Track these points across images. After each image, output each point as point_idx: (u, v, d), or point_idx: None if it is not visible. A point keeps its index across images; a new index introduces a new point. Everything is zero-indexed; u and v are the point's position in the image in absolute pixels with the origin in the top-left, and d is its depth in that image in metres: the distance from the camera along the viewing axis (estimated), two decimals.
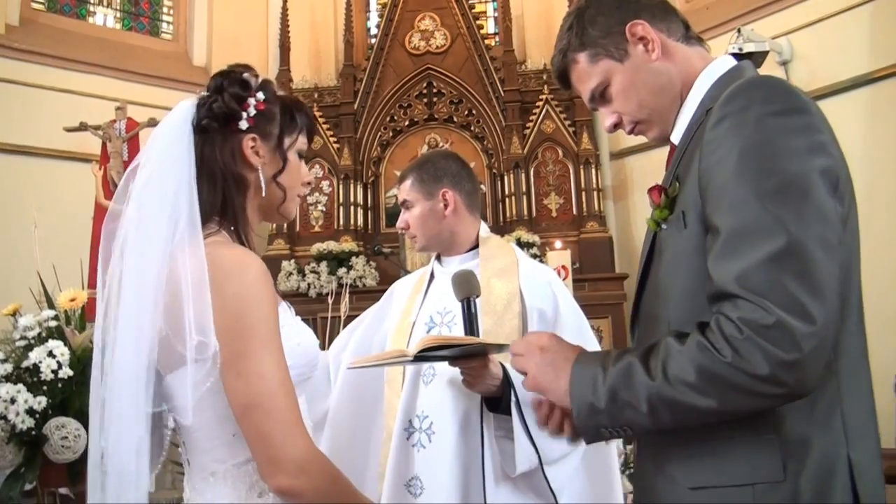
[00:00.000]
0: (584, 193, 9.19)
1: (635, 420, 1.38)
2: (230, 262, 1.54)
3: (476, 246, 2.65)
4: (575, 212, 9.25)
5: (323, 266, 8.79)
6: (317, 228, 9.24)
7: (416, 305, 2.63)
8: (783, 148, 1.33)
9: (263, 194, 1.70)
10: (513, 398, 2.23)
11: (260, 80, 1.76)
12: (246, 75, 1.73)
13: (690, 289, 1.44)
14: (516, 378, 2.23)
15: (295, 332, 1.68)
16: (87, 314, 3.42)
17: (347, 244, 8.99)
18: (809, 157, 1.34)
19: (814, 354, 1.24)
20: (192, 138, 1.66)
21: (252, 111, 1.68)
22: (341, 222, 9.21)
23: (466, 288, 2.25)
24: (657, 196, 1.54)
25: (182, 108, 1.71)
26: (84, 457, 2.38)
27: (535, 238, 8.63)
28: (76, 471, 3.13)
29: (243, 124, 1.68)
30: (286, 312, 1.70)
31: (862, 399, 1.43)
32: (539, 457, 2.24)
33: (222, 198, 1.66)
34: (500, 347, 2.15)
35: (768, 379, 1.24)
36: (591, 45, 1.66)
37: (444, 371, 2.38)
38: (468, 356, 2.17)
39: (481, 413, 2.35)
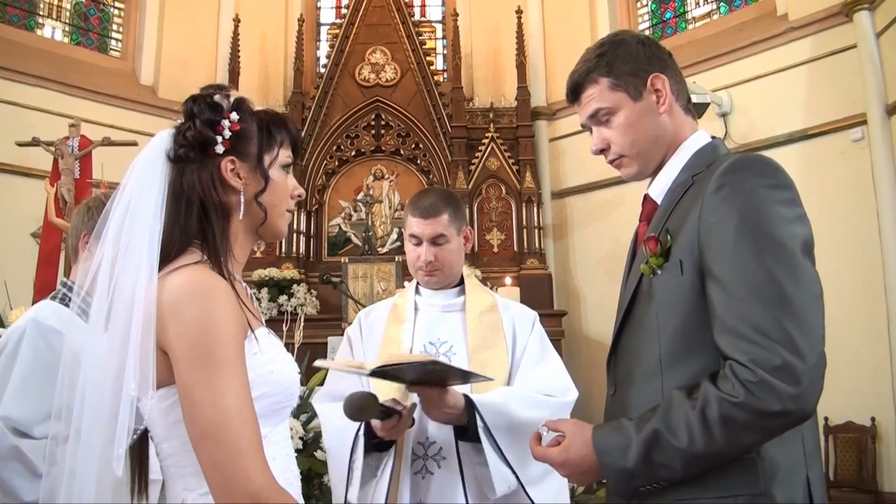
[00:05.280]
0: (525, 231, 9.39)
1: (670, 476, 1.56)
2: (185, 289, 1.48)
3: (460, 283, 2.74)
4: (516, 248, 9.42)
5: (264, 293, 8.74)
6: (258, 254, 9.15)
7: (407, 334, 2.63)
8: (774, 216, 1.54)
9: (240, 217, 1.65)
10: (480, 424, 2.30)
11: (233, 98, 1.68)
12: (217, 97, 1.66)
13: (682, 328, 1.62)
14: (484, 404, 2.32)
15: (269, 359, 1.59)
16: None
17: (289, 271, 8.98)
18: (794, 226, 1.55)
19: (812, 387, 1.46)
20: (167, 169, 1.61)
21: (227, 133, 1.63)
22: (283, 249, 9.19)
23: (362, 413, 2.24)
24: (654, 246, 1.70)
25: (158, 139, 1.65)
26: None
27: (477, 272, 8.72)
28: None
29: (219, 148, 1.62)
30: (265, 338, 1.62)
31: (813, 427, 1.64)
32: (518, 478, 2.32)
33: (201, 225, 1.60)
34: (466, 375, 2.22)
35: (779, 414, 1.45)
36: (616, 75, 1.81)
37: None
38: (424, 383, 2.23)
39: (456, 443, 2.40)
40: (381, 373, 2.15)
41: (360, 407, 2.18)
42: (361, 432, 2.38)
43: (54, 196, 7.24)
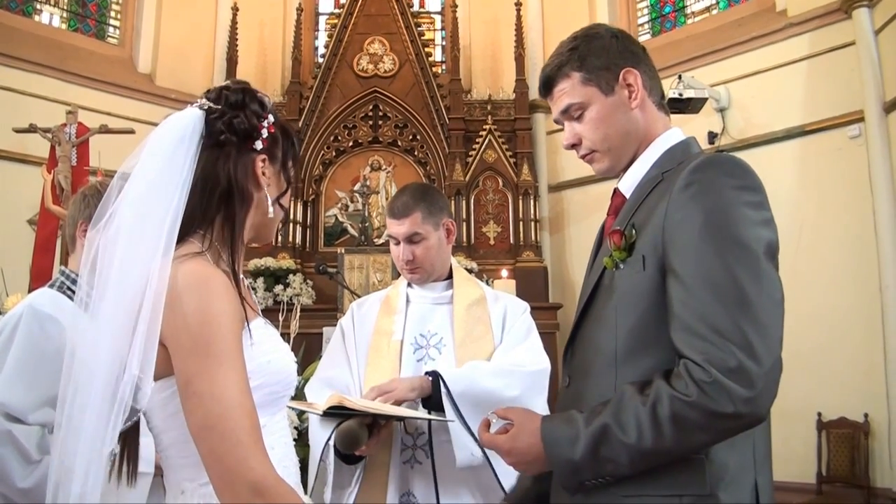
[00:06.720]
0: (521, 223, 9.40)
1: (616, 472, 1.54)
2: (187, 279, 1.48)
3: (449, 276, 2.76)
4: (512, 241, 9.44)
5: (260, 282, 8.75)
6: (254, 244, 9.12)
7: (398, 326, 2.66)
8: (740, 217, 1.53)
9: (271, 215, 1.69)
10: (444, 390, 2.36)
11: (271, 102, 1.73)
12: (260, 94, 1.70)
13: (640, 324, 1.61)
14: (448, 374, 2.40)
15: (267, 349, 1.61)
16: None
17: (285, 261, 8.98)
18: (759, 228, 1.54)
19: (765, 391, 1.44)
20: (197, 150, 1.60)
21: (265, 133, 1.66)
22: (279, 239, 9.17)
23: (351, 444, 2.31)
24: (618, 239, 1.69)
25: (189, 118, 1.62)
26: None
27: (473, 265, 8.73)
28: None
29: (258, 144, 1.66)
30: (262, 329, 1.63)
31: (766, 432, 1.63)
32: (484, 451, 2.35)
33: (224, 212, 1.62)
34: (395, 418, 2.33)
35: (731, 416, 1.43)
36: (587, 69, 1.80)
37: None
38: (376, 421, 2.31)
39: (429, 427, 2.46)
40: (332, 413, 2.25)
41: (351, 441, 2.25)
42: (332, 442, 2.41)
43: (51, 183, 7.24)
